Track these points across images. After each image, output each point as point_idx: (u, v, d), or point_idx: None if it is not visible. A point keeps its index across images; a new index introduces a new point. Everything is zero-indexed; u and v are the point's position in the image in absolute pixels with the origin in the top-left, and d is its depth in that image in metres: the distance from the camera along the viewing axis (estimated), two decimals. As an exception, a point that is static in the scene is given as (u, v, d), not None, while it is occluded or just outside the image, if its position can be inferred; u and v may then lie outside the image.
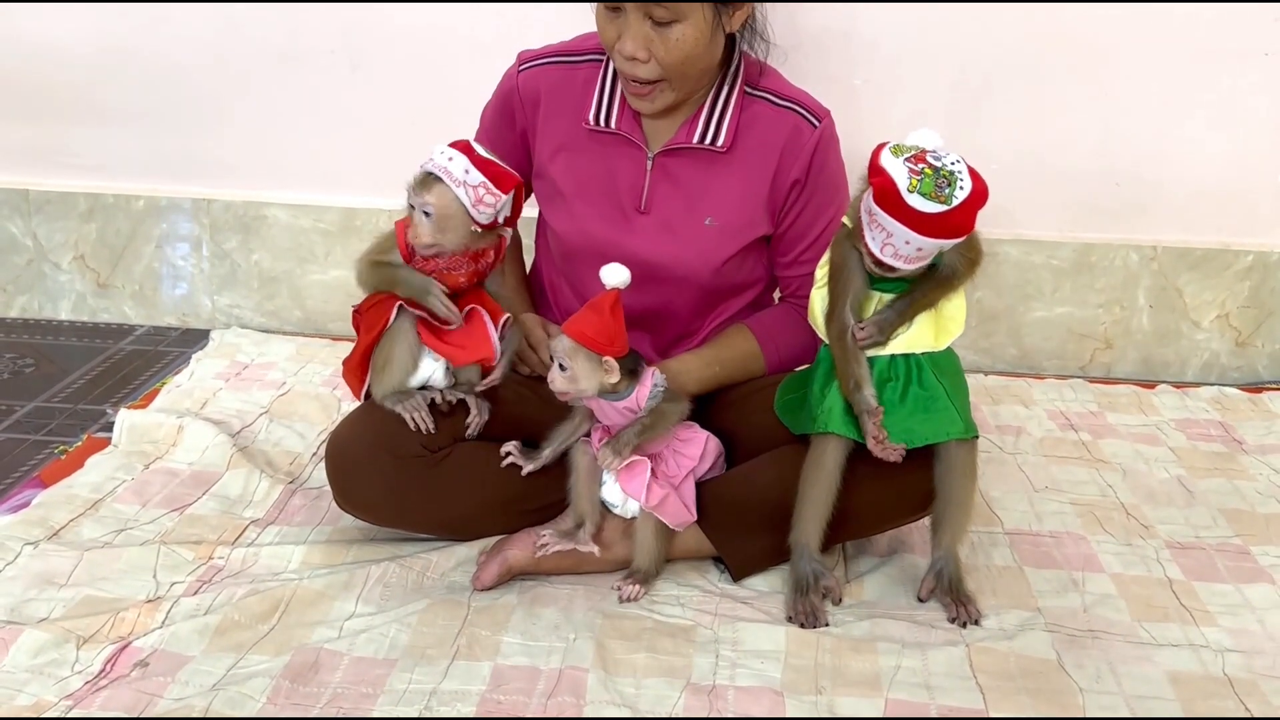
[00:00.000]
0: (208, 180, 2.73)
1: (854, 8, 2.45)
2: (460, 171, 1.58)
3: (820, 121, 1.79)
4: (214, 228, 2.74)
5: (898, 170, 1.47)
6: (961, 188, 1.46)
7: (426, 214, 1.59)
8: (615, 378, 1.60)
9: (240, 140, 2.69)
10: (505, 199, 1.61)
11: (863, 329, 1.58)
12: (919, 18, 2.46)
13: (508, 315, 1.72)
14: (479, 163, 1.59)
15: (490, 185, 1.59)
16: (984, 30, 2.47)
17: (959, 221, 1.47)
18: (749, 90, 1.79)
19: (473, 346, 1.69)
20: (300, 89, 2.63)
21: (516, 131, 1.87)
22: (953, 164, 1.48)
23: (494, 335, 1.69)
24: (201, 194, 2.73)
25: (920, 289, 1.58)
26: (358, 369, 1.73)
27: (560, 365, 1.60)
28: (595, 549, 1.69)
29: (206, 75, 2.63)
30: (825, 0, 2.42)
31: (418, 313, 1.66)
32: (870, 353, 1.60)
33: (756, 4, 1.74)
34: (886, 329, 1.58)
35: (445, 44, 2.54)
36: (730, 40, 1.77)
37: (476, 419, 1.74)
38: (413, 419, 1.68)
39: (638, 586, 1.68)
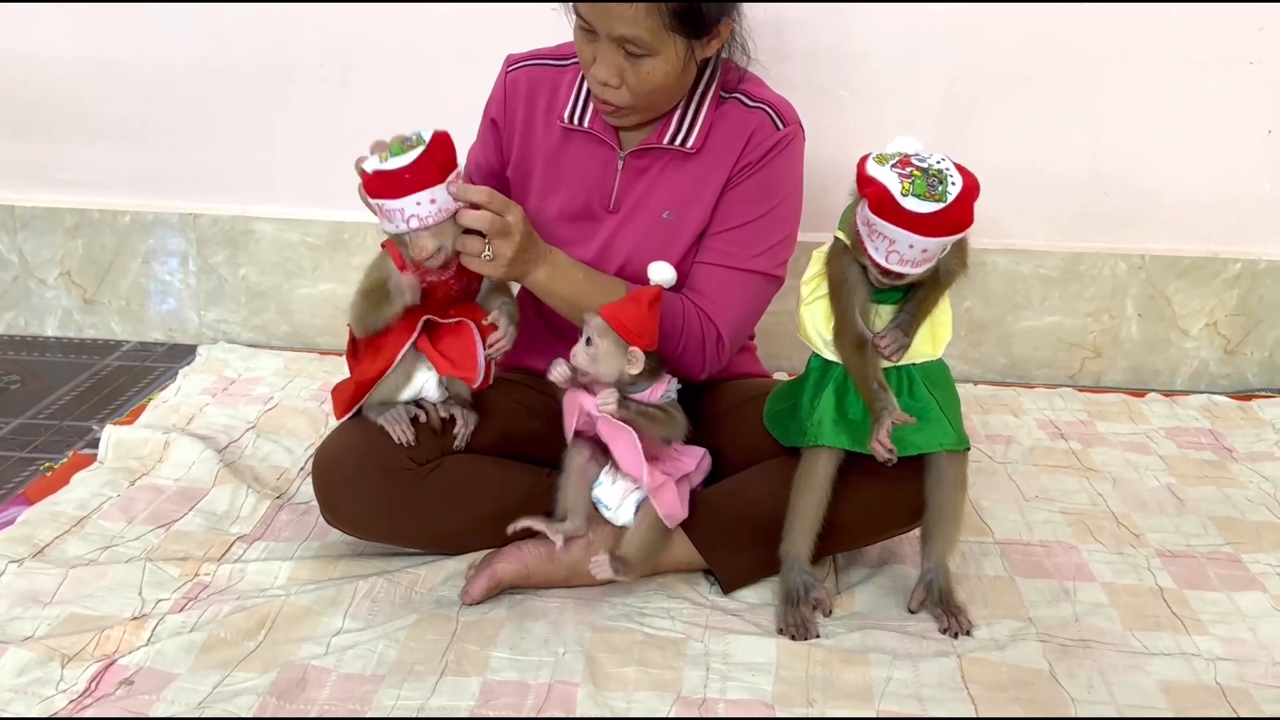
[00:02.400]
0: (195, 195, 2.73)
1: (842, 19, 2.45)
2: (446, 199, 1.54)
3: (786, 125, 1.77)
4: (201, 242, 2.73)
5: (888, 177, 1.47)
6: (953, 183, 1.46)
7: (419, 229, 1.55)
8: (638, 369, 1.60)
9: (227, 154, 2.69)
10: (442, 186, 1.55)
11: (884, 339, 1.57)
12: (908, 29, 2.46)
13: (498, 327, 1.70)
14: (424, 176, 1.53)
15: (445, 185, 1.55)
16: (972, 41, 2.48)
17: (958, 217, 1.47)
18: (724, 94, 1.79)
19: (459, 360, 1.68)
20: (288, 103, 2.62)
21: (500, 131, 1.87)
22: (939, 163, 1.48)
23: (480, 355, 1.68)
24: (189, 208, 2.72)
25: (924, 291, 1.58)
26: (354, 397, 1.72)
27: (587, 340, 1.60)
28: (560, 539, 1.66)
29: (193, 89, 2.63)
30: (813, 0, 2.42)
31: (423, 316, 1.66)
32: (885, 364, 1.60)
33: (735, 23, 1.73)
34: (910, 332, 1.58)
35: (433, 58, 2.54)
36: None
37: (464, 430, 1.73)
38: (394, 431, 1.68)
39: (609, 565, 1.62)
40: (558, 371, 1.63)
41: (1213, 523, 1.99)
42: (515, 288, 1.77)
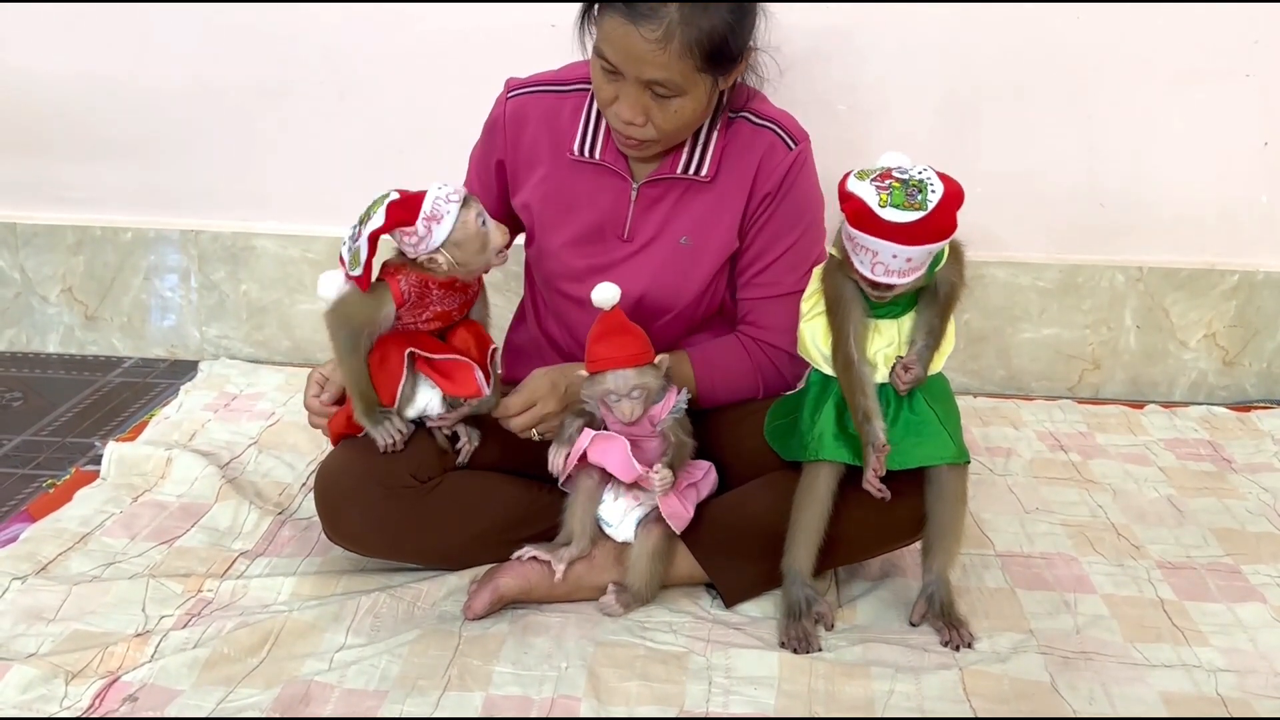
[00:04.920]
0: (196, 211, 2.73)
1: (839, 32, 2.46)
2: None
3: (797, 144, 1.78)
4: (202, 259, 2.74)
5: (866, 191, 1.47)
6: (933, 191, 1.47)
7: (485, 221, 1.61)
8: (667, 366, 1.66)
9: (228, 171, 2.69)
10: None
11: (908, 370, 1.57)
12: (904, 42, 2.47)
13: (495, 346, 1.72)
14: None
15: None
16: (969, 54, 2.49)
17: (940, 224, 1.47)
18: (731, 114, 1.79)
19: (460, 381, 1.68)
20: (288, 119, 2.63)
21: (497, 158, 1.86)
22: (919, 173, 1.49)
23: (479, 375, 1.68)
24: (189, 225, 2.73)
25: (931, 312, 1.59)
26: (348, 428, 1.73)
27: (630, 392, 1.61)
28: (562, 568, 1.68)
29: (194, 107, 2.63)
30: (817, 1, 2.44)
31: (415, 350, 1.66)
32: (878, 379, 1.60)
33: (754, 50, 1.72)
34: (925, 363, 1.59)
35: (432, 73, 2.55)
36: None
37: (467, 445, 1.74)
38: (382, 440, 1.67)
39: (618, 604, 1.68)
40: (556, 457, 1.67)
41: (1212, 534, 1.99)
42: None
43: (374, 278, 1.63)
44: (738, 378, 1.82)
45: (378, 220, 1.57)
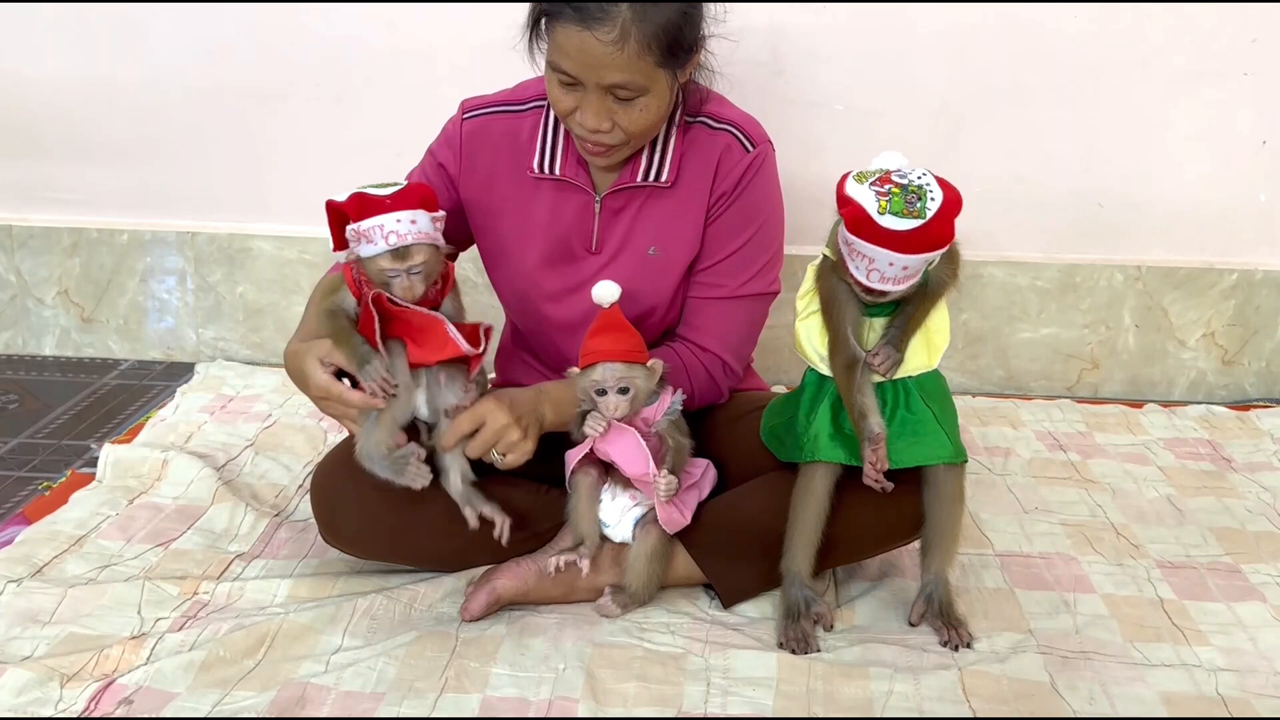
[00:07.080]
0: (192, 213, 2.73)
1: (838, 33, 2.46)
2: (427, 222, 1.56)
3: (756, 146, 1.76)
4: (199, 260, 2.74)
5: (865, 196, 1.46)
6: (933, 199, 1.46)
7: (415, 274, 1.56)
8: (660, 371, 1.65)
9: (225, 173, 2.69)
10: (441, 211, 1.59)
11: (877, 356, 1.56)
12: (902, 43, 2.47)
13: (489, 326, 1.67)
14: (406, 202, 1.55)
15: (429, 214, 1.57)
16: (966, 55, 2.48)
17: (938, 233, 1.47)
18: (688, 119, 1.76)
19: (432, 345, 1.61)
20: (284, 122, 2.63)
21: (453, 178, 1.83)
22: (919, 178, 1.47)
23: (456, 334, 1.60)
24: (186, 227, 2.73)
25: (913, 304, 1.58)
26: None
27: (621, 390, 1.61)
28: (586, 564, 1.68)
29: (190, 108, 2.63)
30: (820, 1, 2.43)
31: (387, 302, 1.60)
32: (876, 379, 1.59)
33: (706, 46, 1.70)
34: (901, 347, 1.58)
35: (428, 75, 2.55)
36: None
37: (502, 525, 1.68)
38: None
39: (615, 605, 1.68)
40: (594, 428, 1.62)
41: (1212, 533, 1.99)
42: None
43: (342, 251, 1.63)
44: (695, 384, 1.77)
45: (344, 197, 1.58)
